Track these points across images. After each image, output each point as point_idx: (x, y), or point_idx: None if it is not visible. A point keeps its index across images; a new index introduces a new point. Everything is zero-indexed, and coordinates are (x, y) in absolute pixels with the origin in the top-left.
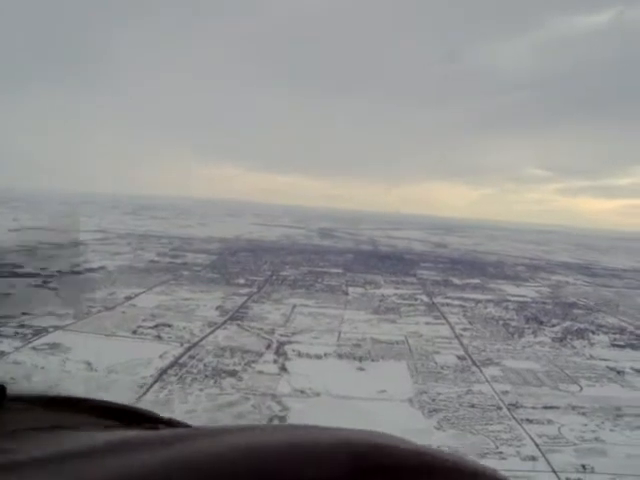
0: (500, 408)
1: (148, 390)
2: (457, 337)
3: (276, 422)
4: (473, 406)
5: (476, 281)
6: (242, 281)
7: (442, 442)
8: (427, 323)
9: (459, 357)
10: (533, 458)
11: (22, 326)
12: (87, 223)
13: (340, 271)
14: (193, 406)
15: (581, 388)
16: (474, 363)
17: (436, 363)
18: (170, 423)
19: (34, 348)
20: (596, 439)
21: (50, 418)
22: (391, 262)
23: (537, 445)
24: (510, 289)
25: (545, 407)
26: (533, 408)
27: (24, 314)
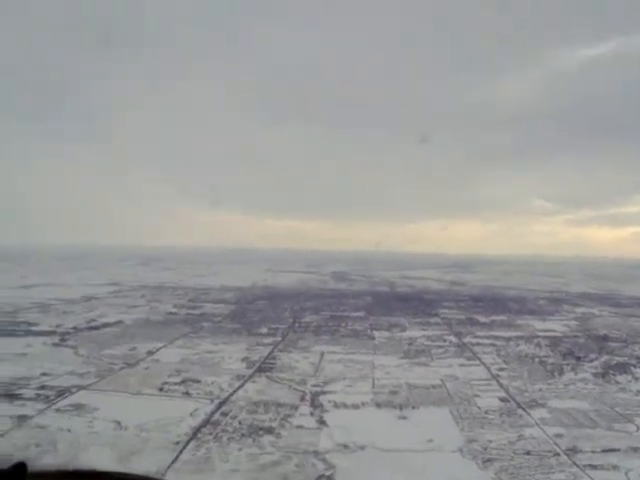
0: (558, 454)
1: (184, 448)
2: (494, 378)
3: None
4: (528, 453)
5: (502, 318)
6: (264, 330)
7: None
8: (461, 365)
9: (501, 399)
10: None
11: (43, 387)
12: (97, 276)
13: (362, 314)
14: (235, 466)
15: (638, 427)
16: (519, 405)
17: (479, 408)
18: None
19: (58, 410)
20: None
21: None
22: (411, 303)
23: None
24: (538, 324)
25: (605, 450)
26: (592, 452)
27: (44, 375)
